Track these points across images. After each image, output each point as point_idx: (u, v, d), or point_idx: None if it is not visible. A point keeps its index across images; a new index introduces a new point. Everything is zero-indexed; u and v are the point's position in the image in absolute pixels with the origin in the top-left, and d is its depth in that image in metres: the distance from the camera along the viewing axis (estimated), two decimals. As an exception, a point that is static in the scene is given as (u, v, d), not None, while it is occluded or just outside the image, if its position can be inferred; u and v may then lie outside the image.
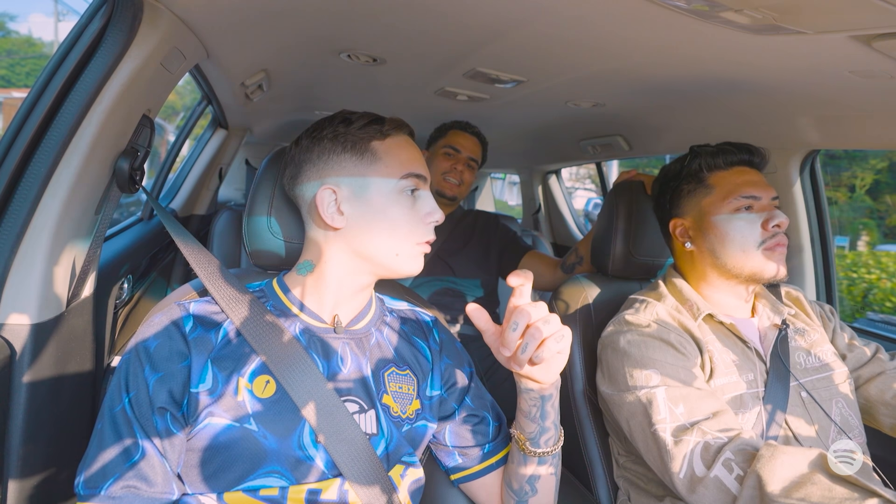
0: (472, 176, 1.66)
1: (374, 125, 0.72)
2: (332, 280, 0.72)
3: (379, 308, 0.80)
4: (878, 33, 0.68)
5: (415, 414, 0.74)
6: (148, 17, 0.75)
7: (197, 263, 0.75)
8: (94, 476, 0.59)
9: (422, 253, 0.73)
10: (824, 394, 0.91)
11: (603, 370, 0.94)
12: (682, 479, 0.75)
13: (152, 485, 0.60)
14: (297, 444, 0.64)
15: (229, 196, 3.08)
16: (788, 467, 0.66)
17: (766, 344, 0.93)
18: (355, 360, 0.71)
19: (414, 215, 0.71)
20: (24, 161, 0.71)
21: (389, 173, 0.70)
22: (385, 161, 0.71)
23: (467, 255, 1.64)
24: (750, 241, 0.90)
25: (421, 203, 0.73)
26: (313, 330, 0.71)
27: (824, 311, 1.05)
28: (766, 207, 0.92)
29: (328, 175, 0.71)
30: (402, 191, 0.71)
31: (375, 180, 0.70)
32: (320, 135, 0.72)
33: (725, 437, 0.75)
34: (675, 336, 0.89)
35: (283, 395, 0.65)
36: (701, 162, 0.97)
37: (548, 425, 0.70)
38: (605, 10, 0.78)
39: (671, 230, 1.02)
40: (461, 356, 0.82)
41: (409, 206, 0.71)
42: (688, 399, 0.80)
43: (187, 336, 0.65)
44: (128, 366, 0.63)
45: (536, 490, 0.73)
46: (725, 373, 0.88)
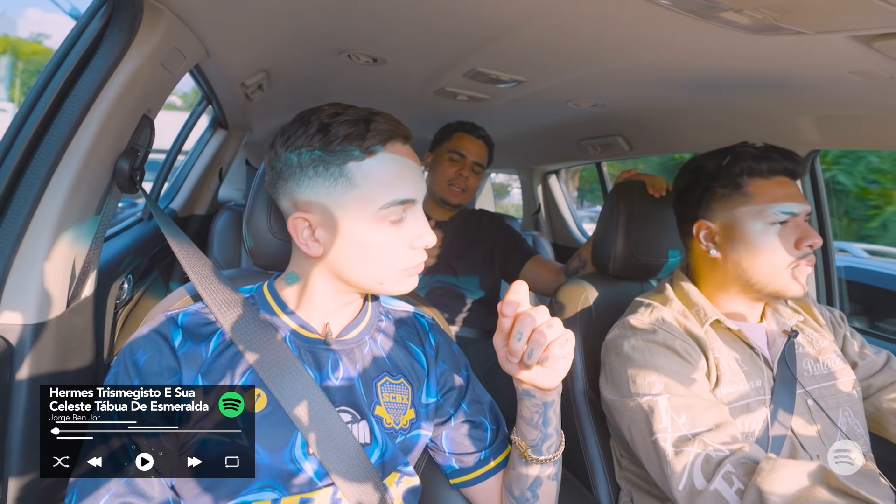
0: (477, 181, 1.64)
1: (355, 139, 0.62)
2: (318, 294, 0.69)
3: (373, 313, 0.77)
4: (878, 33, 0.68)
5: (409, 424, 0.72)
6: (148, 17, 0.75)
7: (190, 267, 0.74)
8: (88, 491, 0.58)
9: (411, 276, 0.68)
10: (831, 402, 0.89)
11: (606, 374, 0.92)
12: (681, 491, 0.75)
13: (149, 499, 0.59)
14: (290, 457, 0.64)
15: (229, 196, 3.08)
16: (789, 481, 0.65)
17: (774, 350, 0.92)
18: (346, 370, 0.70)
19: (399, 241, 0.65)
20: (24, 161, 0.71)
21: (367, 202, 0.62)
22: (362, 188, 0.62)
23: (471, 257, 1.63)
24: (781, 259, 0.85)
25: (408, 226, 0.65)
26: (304, 340, 0.69)
27: (834, 318, 1.03)
28: (800, 224, 0.87)
29: (300, 197, 0.64)
30: (382, 219, 0.63)
31: (351, 209, 0.63)
32: (293, 145, 0.64)
33: (727, 451, 0.74)
34: (681, 343, 0.87)
35: (274, 407, 0.64)
36: (743, 166, 0.89)
37: (550, 431, 0.69)
38: (605, 11, 0.78)
39: (695, 231, 0.95)
40: (458, 360, 0.81)
41: (391, 233, 0.64)
42: (691, 409, 0.79)
43: (177, 351, 0.64)
44: (116, 380, 0.63)
45: (538, 497, 0.72)
46: (732, 380, 0.86)
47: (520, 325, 0.57)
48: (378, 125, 0.63)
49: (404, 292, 0.69)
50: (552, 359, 0.58)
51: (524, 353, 0.58)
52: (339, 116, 0.63)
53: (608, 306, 1.11)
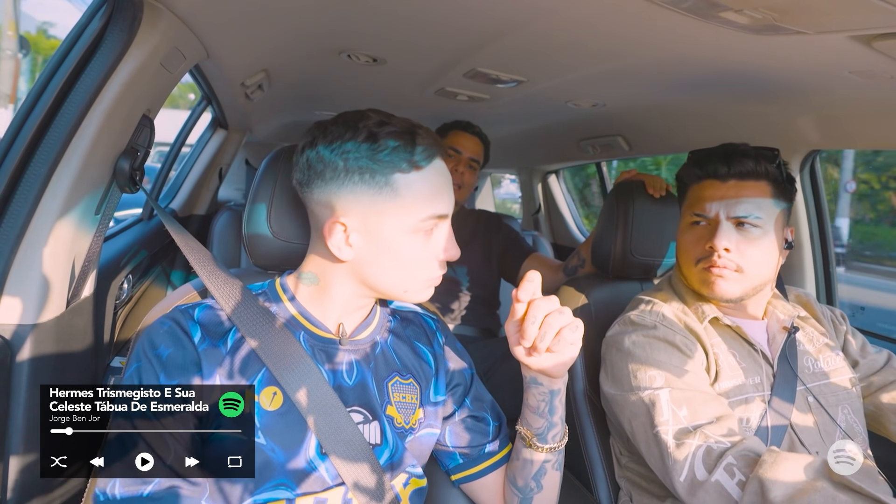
0: (473, 177, 1.65)
1: (403, 152, 0.63)
2: (336, 297, 0.70)
3: (382, 314, 0.78)
4: (878, 33, 0.68)
5: (418, 423, 0.73)
6: (148, 17, 0.75)
7: (198, 263, 0.74)
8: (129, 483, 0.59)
9: (432, 286, 0.70)
10: (831, 399, 0.90)
11: (607, 370, 0.93)
12: (682, 483, 0.75)
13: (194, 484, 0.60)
14: (304, 455, 0.64)
15: (229, 196, 3.08)
16: (791, 473, 0.65)
17: (775, 347, 0.92)
18: (360, 370, 0.71)
19: (428, 253, 0.67)
20: (24, 161, 0.71)
21: (408, 213, 0.64)
22: (405, 199, 0.64)
23: (469, 255, 1.63)
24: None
25: (437, 238, 0.67)
26: (318, 339, 0.70)
27: (835, 316, 1.04)
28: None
29: (338, 201, 0.64)
30: (418, 230, 0.65)
31: (391, 218, 0.64)
32: (339, 149, 0.63)
33: (728, 442, 0.75)
34: (681, 338, 0.88)
35: (290, 406, 0.65)
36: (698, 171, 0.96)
37: (555, 420, 0.71)
38: (605, 11, 0.78)
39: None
40: (462, 357, 0.82)
41: (423, 244, 0.66)
42: (691, 402, 0.80)
43: (198, 347, 0.64)
44: (140, 374, 0.62)
45: (542, 486, 0.73)
46: (731, 376, 0.87)
47: (534, 310, 0.61)
48: (423, 139, 0.65)
49: (423, 300, 0.71)
50: (563, 342, 0.61)
51: (537, 338, 0.61)
52: (385, 126, 0.64)
53: (607, 306, 1.11)
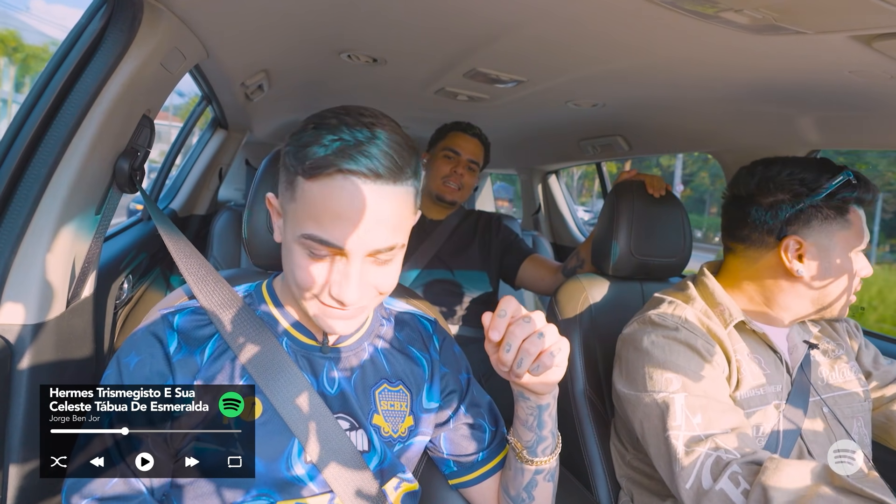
0: (472, 179, 1.64)
1: (304, 152, 0.56)
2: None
3: (374, 318, 0.75)
4: (878, 33, 0.68)
5: (407, 431, 0.72)
6: (148, 17, 0.75)
7: (186, 267, 0.74)
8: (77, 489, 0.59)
9: (324, 315, 0.61)
10: (847, 411, 0.90)
11: (621, 367, 0.92)
12: (688, 490, 0.74)
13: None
14: (286, 465, 0.63)
15: (229, 196, 3.08)
16: (793, 479, 0.65)
17: (795, 357, 0.92)
18: (345, 378, 0.69)
19: (308, 276, 0.59)
20: (24, 161, 0.71)
21: (294, 222, 0.59)
22: (295, 206, 0.58)
23: (468, 255, 1.64)
24: (851, 283, 0.88)
25: (322, 267, 0.58)
26: (301, 345, 0.69)
27: (849, 327, 1.03)
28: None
29: (279, 201, 0.63)
30: (301, 244, 0.58)
31: (287, 219, 0.61)
32: (292, 140, 0.60)
33: (738, 454, 0.73)
34: (703, 342, 0.86)
35: (271, 416, 0.64)
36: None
37: (545, 434, 0.69)
38: (605, 11, 0.78)
39: (782, 247, 0.88)
40: (459, 362, 0.81)
41: (308, 262, 0.59)
42: (706, 410, 0.79)
43: (171, 357, 0.63)
44: (106, 381, 0.62)
45: (533, 497, 0.72)
46: (753, 383, 0.86)
47: (509, 337, 0.56)
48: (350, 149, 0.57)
49: (332, 333, 0.65)
50: (542, 368, 0.56)
51: (514, 363, 0.57)
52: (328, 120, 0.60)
53: (608, 306, 1.11)
